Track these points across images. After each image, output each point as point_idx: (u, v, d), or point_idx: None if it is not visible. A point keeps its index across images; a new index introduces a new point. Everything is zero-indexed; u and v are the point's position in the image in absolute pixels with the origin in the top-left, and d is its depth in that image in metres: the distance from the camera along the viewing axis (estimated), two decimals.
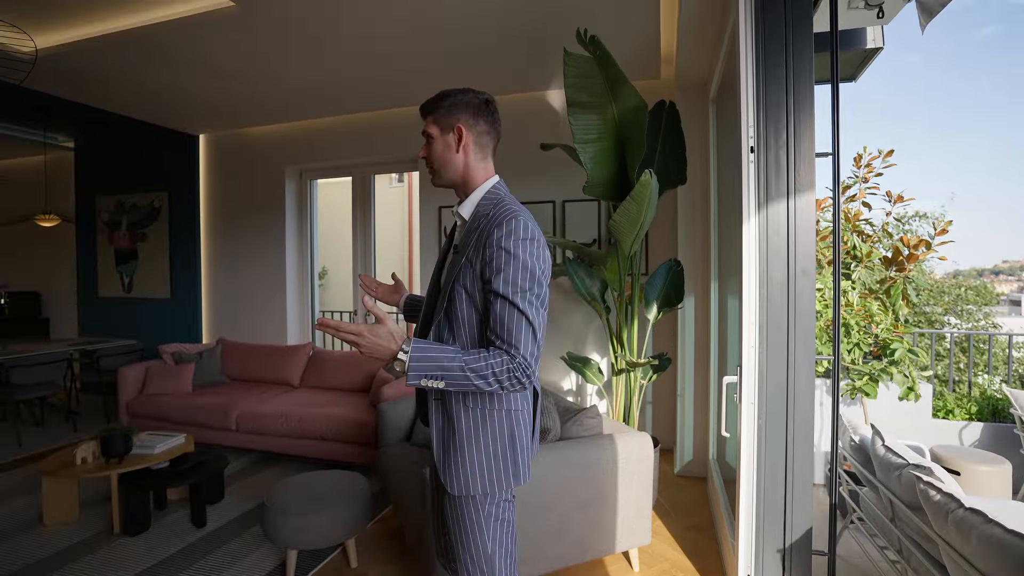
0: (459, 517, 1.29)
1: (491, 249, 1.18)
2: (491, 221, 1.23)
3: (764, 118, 1.84)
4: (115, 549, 2.58)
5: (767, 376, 1.85)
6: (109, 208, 5.77)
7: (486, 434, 1.26)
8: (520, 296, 1.16)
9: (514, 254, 1.17)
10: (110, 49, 3.36)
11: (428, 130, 1.36)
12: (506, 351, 1.15)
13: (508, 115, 4.19)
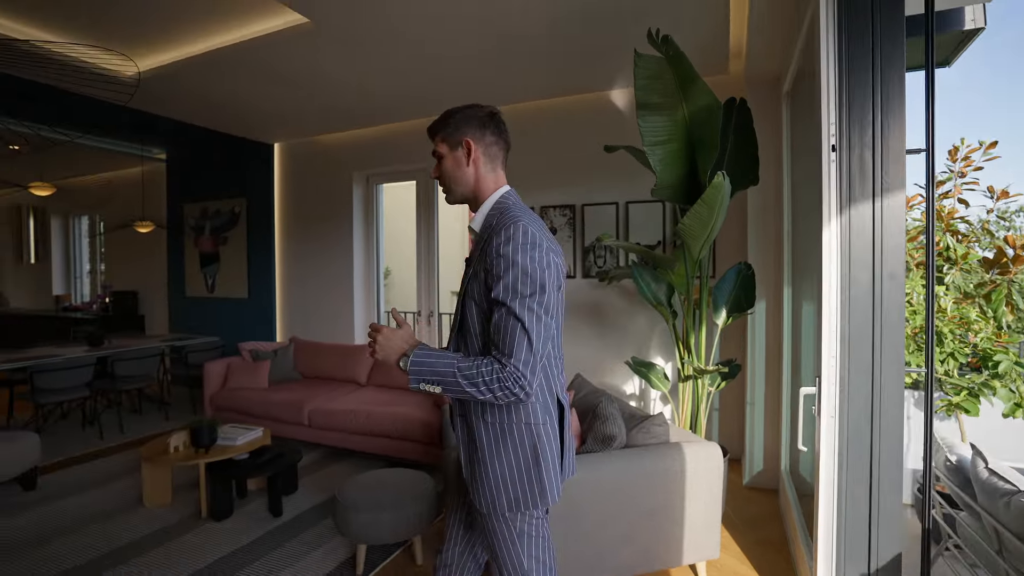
0: (493, 533, 1.28)
1: (492, 256, 1.18)
2: (493, 230, 1.23)
3: (847, 113, 1.73)
4: (203, 532, 2.78)
5: (849, 388, 1.74)
6: (195, 214, 6.22)
7: (507, 449, 1.23)
8: (519, 303, 1.14)
9: (513, 260, 1.16)
10: (199, 69, 3.62)
11: (438, 149, 1.38)
12: (498, 359, 1.14)
13: (569, 117, 4.20)
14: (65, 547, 2.63)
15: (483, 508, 1.25)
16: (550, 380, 1.31)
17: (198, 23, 3.20)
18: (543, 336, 1.17)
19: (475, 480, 1.26)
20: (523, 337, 1.13)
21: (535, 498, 1.24)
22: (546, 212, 4.29)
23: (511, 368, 1.12)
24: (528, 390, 1.14)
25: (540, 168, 4.33)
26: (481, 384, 1.13)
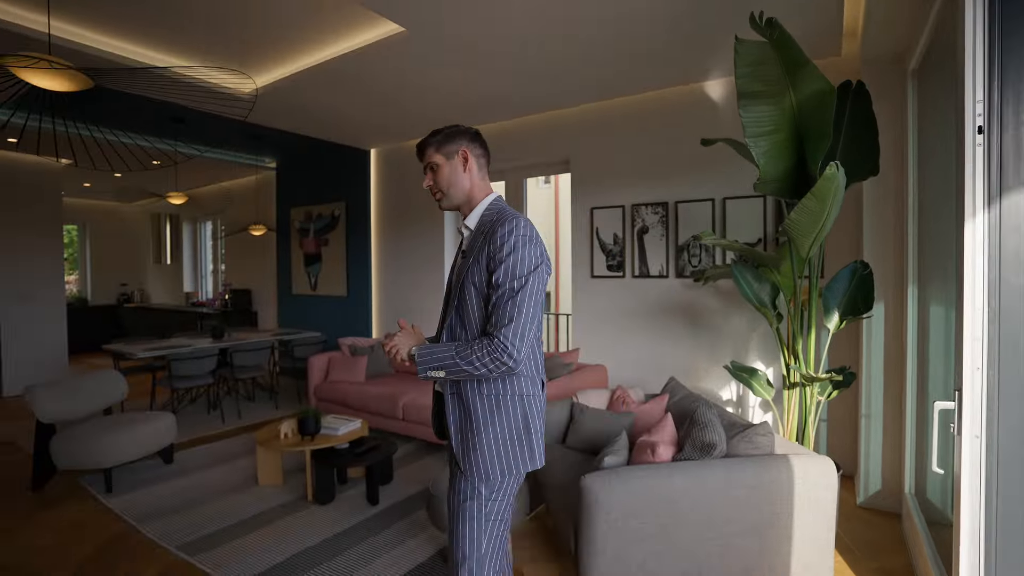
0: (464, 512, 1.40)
1: (495, 244, 1.35)
2: (495, 223, 1.40)
3: (998, 87, 1.51)
4: (309, 514, 2.98)
5: (999, 404, 1.52)
6: (300, 217, 6.71)
7: (502, 419, 1.38)
8: (514, 283, 1.31)
9: (513, 247, 1.34)
10: (304, 83, 3.88)
11: (433, 160, 1.52)
12: (489, 334, 1.31)
13: (661, 112, 4.05)
14: (196, 516, 2.93)
15: (474, 475, 1.38)
16: (537, 360, 1.46)
17: (302, 41, 3.44)
18: (531, 313, 1.32)
19: (469, 450, 1.39)
20: (512, 310, 1.30)
21: (526, 463, 1.41)
22: (637, 210, 4.17)
23: (499, 340, 1.28)
24: (516, 357, 1.29)
25: (630, 165, 4.21)
26: (475, 360, 1.30)
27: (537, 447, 1.43)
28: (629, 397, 2.91)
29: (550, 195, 13.14)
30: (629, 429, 2.69)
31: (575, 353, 4.08)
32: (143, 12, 3.04)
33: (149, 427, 3.53)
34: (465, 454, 1.39)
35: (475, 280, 1.40)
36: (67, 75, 2.41)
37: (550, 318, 9.20)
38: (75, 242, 9.93)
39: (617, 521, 1.93)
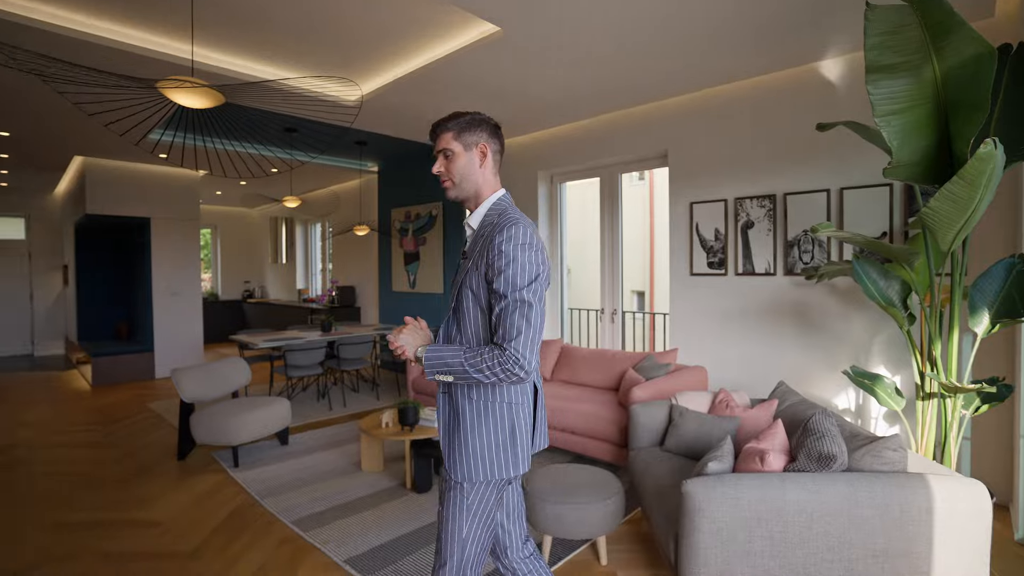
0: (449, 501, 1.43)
1: (494, 252, 1.33)
2: (494, 228, 1.37)
3: None
4: (407, 501, 3.10)
5: None
6: (400, 218, 7.03)
7: (488, 425, 1.39)
8: (517, 293, 1.30)
9: (513, 256, 1.31)
10: (404, 88, 4.04)
11: (450, 146, 1.45)
12: (499, 345, 1.31)
13: (767, 98, 3.77)
14: (307, 495, 3.16)
15: (458, 477, 1.40)
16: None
17: (401, 49, 3.57)
18: (538, 323, 1.32)
19: (454, 451, 1.41)
20: (521, 322, 1.29)
21: (509, 469, 1.40)
22: (741, 204, 3.91)
23: (511, 351, 1.29)
24: (528, 368, 1.30)
25: (733, 157, 3.96)
26: (486, 370, 1.30)
27: (522, 453, 1.43)
28: (733, 401, 2.74)
29: (644, 192, 12.75)
30: (733, 435, 2.52)
31: (673, 353, 3.92)
32: (263, 34, 3.31)
33: (269, 411, 3.86)
34: (449, 453, 1.42)
35: (472, 285, 1.39)
36: (204, 93, 2.69)
37: (645, 317, 8.93)
38: (209, 244, 11.16)
39: (722, 532, 1.81)
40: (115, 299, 8.30)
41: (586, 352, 4.40)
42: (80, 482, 3.45)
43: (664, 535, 2.06)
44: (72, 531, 2.80)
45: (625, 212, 4.96)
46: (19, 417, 5.06)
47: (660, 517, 2.15)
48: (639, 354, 4.09)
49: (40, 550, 2.59)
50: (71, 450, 4.09)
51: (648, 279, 12.26)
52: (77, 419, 4.97)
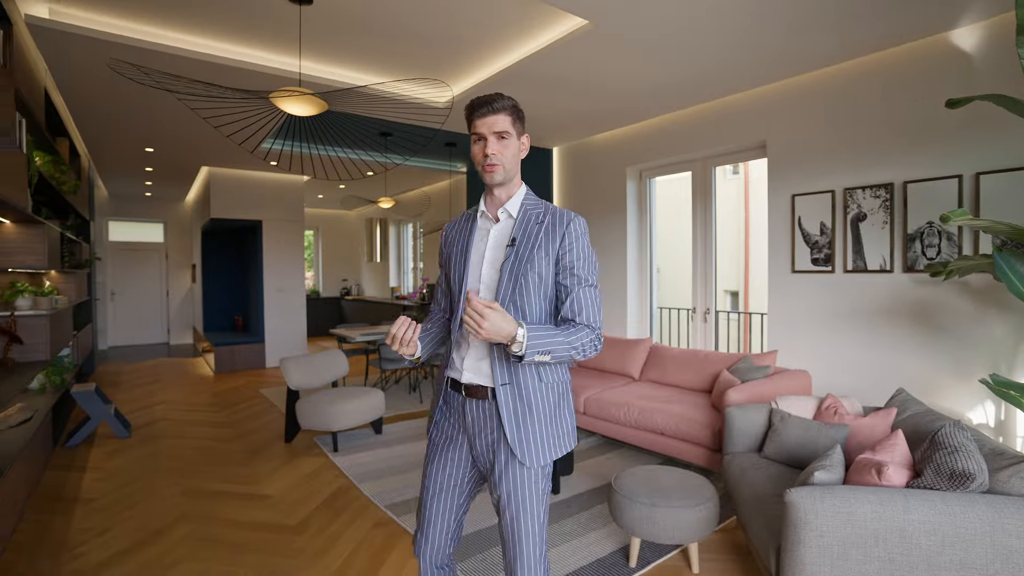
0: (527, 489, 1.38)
1: (570, 240, 1.40)
2: (558, 217, 1.42)
3: None
4: (484, 497, 3.14)
5: None
6: None
7: (566, 405, 1.47)
8: (594, 278, 1.42)
9: (589, 249, 1.43)
10: (492, 88, 4.10)
11: (507, 129, 1.40)
12: (587, 325, 1.37)
13: (880, 77, 3.49)
14: (400, 482, 3.31)
15: (539, 462, 1.38)
16: None
17: (490, 48, 3.63)
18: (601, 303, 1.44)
19: (531, 438, 1.38)
20: (599, 307, 1.42)
21: (572, 441, 1.48)
22: (851, 195, 3.58)
23: (598, 331, 1.39)
24: (601, 346, 1.42)
25: (841, 144, 3.64)
26: (581, 348, 1.34)
27: (574, 424, 1.52)
28: (842, 407, 2.51)
29: (739, 186, 12.07)
30: (842, 445, 2.31)
31: (771, 356, 3.67)
32: (360, 43, 3.50)
33: (365, 401, 4.09)
34: (525, 442, 1.37)
35: (539, 270, 1.39)
36: (310, 101, 2.89)
37: (740, 317, 8.45)
38: (311, 245, 12.02)
39: (831, 548, 1.66)
40: (233, 295, 9.18)
41: (677, 352, 4.24)
42: (206, 456, 3.84)
43: (764, 546, 1.93)
44: (200, 498, 3.12)
45: (720, 207, 4.72)
46: (159, 396, 5.74)
47: (759, 527, 2.02)
48: (734, 355, 3.87)
49: (176, 512, 2.92)
50: (198, 427, 4.57)
51: (743, 278, 11.60)
52: (203, 401, 5.54)
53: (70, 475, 3.54)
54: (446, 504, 1.49)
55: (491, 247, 1.45)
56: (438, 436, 1.53)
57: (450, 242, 1.56)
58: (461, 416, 1.46)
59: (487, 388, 1.40)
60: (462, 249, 1.49)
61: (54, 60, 3.63)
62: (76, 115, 4.89)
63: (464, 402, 1.44)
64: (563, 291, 1.40)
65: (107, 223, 9.47)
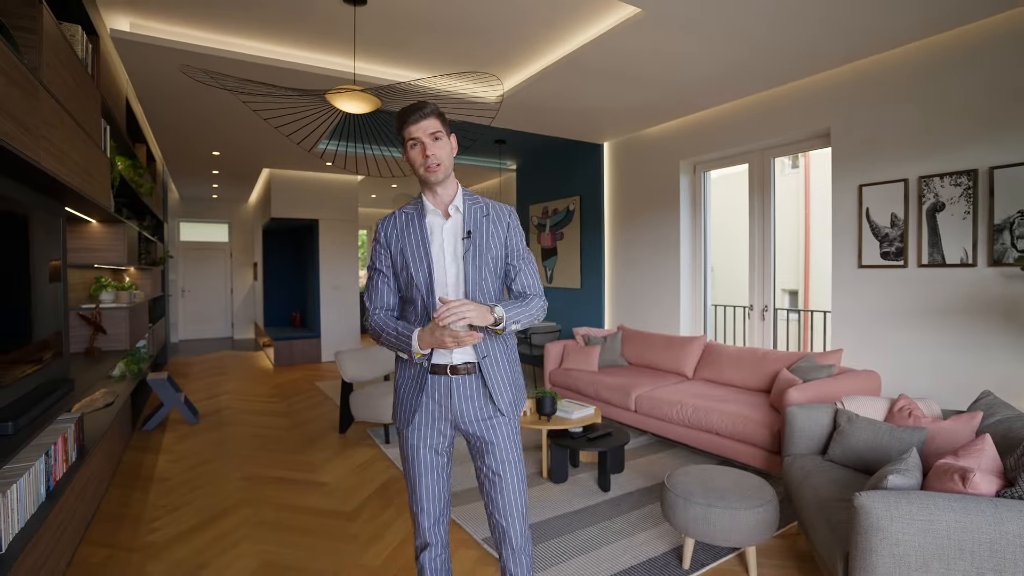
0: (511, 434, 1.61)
1: (513, 227, 1.66)
2: (499, 209, 1.66)
3: None
4: (543, 490, 3.13)
5: None
6: (538, 214, 7.15)
7: (516, 364, 1.68)
8: (529, 255, 1.68)
9: (520, 229, 1.69)
10: (541, 83, 4.08)
11: (440, 130, 1.54)
12: (537, 295, 1.64)
13: (963, 52, 3.21)
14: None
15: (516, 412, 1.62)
16: None
17: (540, 41, 3.60)
18: None
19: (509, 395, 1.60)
20: (538, 276, 1.69)
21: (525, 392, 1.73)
22: (927, 183, 3.34)
23: (544, 297, 1.65)
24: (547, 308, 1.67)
25: (915, 129, 3.40)
26: (538, 313, 1.60)
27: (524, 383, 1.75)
28: (918, 409, 2.34)
29: (799, 181, 11.52)
30: (919, 447, 2.15)
31: (836, 355, 3.47)
32: (412, 41, 3.55)
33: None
34: (506, 398, 1.59)
35: (495, 255, 1.61)
36: (363, 98, 2.96)
37: (800, 315, 8.07)
38: (365, 244, 12.35)
39: (908, 558, 1.54)
40: (291, 292, 9.57)
41: (733, 350, 4.09)
42: (265, 443, 4.01)
43: (829, 553, 1.82)
44: (260, 483, 3.26)
45: (777, 203, 4.51)
46: (224, 387, 6.06)
47: (824, 532, 1.91)
48: (795, 354, 3.69)
49: (238, 496, 3.07)
50: (259, 416, 4.79)
51: (802, 277, 11.07)
52: (263, 392, 5.80)
53: (146, 456, 3.77)
54: (442, 483, 1.65)
55: (448, 241, 1.59)
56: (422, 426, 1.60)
57: (396, 241, 1.61)
58: (447, 395, 1.57)
59: (473, 363, 1.57)
60: (419, 246, 1.58)
61: (134, 70, 3.89)
62: (153, 122, 5.22)
63: (451, 381, 1.56)
64: (512, 270, 1.65)
65: (179, 224, 10.08)
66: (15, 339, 2.17)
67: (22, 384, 2.22)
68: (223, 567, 2.34)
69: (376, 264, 1.65)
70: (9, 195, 2.15)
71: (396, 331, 1.54)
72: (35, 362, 2.36)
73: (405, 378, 1.61)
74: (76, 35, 2.84)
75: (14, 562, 1.75)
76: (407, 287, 1.60)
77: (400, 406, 1.62)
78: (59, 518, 2.20)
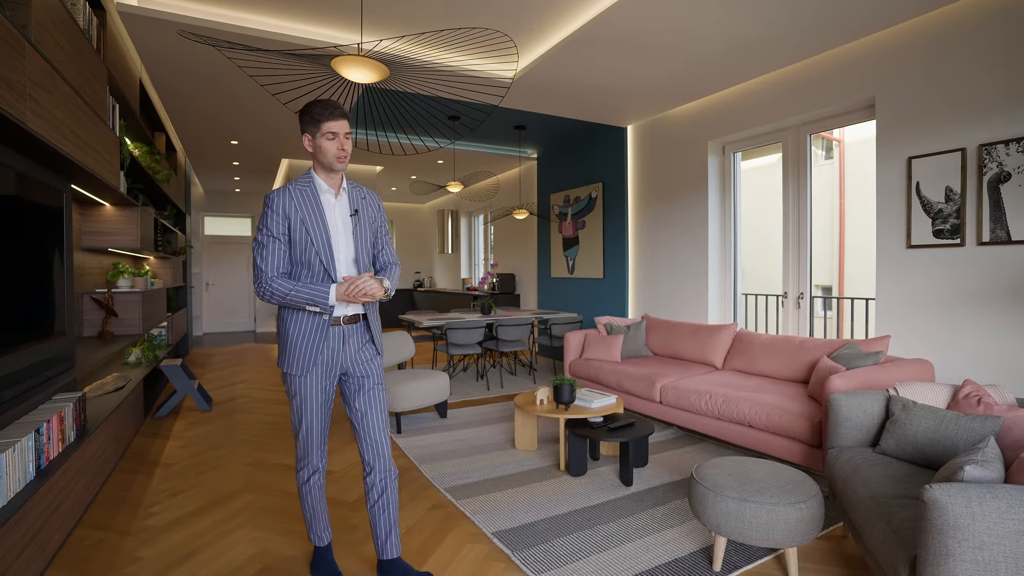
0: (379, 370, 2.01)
1: (381, 209, 2.07)
2: (371, 193, 2.03)
3: None
4: (560, 483, 2.92)
5: None
6: (559, 202, 6.92)
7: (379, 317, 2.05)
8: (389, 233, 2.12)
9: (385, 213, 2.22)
10: (558, 58, 3.85)
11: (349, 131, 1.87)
12: (397, 264, 2.06)
13: (1016, 9, 2.84)
14: (461, 466, 3.16)
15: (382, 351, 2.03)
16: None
17: (552, 15, 3.39)
18: None
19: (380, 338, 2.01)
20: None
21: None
22: (989, 152, 3.02)
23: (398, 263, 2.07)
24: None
25: (973, 92, 3.08)
26: (398, 278, 2.02)
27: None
28: (988, 396, 2.06)
29: (833, 171, 11.02)
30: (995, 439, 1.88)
31: (882, 341, 3.18)
32: (423, 16, 3.38)
33: (429, 383, 3.99)
34: (379, 341, 2.00)
35: (373, 231, 1.99)
36: (370, 65, 2.80)
37: (836, 309, 7.65)
38: None
39: (996, 565, 1.29)
40: None
41: (767, 338, 3.81)
42: (275, 431, 3.90)
43: (888, 557, 1.57)
44: (266, 469, 3.13)
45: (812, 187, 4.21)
46: (241, 376, 6.00)
47: (881, 533, 1.65)
48: (836, 341, 3.40)
49: (242, 481, 2.94)
50: (272, 405, 4.69)
51: (837, 271, 10.57)
52: (278, 382, 5.72)
53: (155, 441, 3.69)
54: (328, 418, 1.98)
55: (341, 217, 1.91)
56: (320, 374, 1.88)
57: (295, 212, 1.81)
58: (342, 340, 1.90)
59: (360, 314, 1.94)
60: (318, 218, 1.84)
61: (144, 47, 3.81)
62: (169, 108, 5.18)
63: (343, 330, 1.90)
64: (380, 242, 2.03)
65: (203, 218, 10.16)
66: (7, 315, 2.07)
67: (14, 359, 2.12)
68: (217, 554, 2.20)
69: (273, 231, 1.80)
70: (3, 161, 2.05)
71: (310, 289, 1.78)
72: (31, 339, 2.26)
73: (304, 330, 1.84)
74: (77, 4, 2.75)
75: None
76: (304, 251, 1.82)
77: (299, 354, 1.85)
78: (48, 498, 2.09)
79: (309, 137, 1.83)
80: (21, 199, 2.20)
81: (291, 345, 1.85)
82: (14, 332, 2.13)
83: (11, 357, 2.10)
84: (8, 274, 2.09)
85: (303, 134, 1.85)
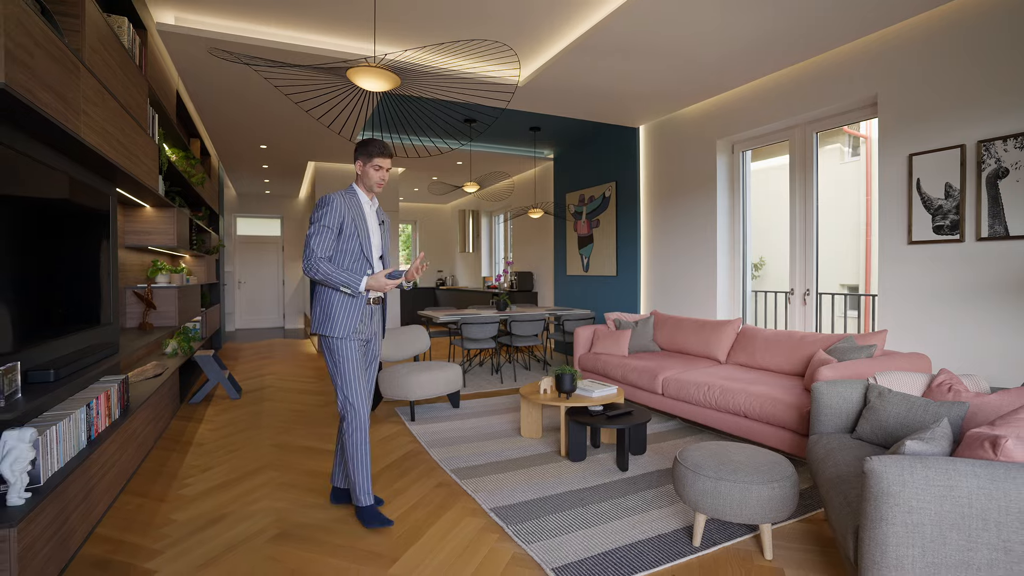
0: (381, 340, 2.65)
1: (387, 223, 2.63)
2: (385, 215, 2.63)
3: None
4: (560, 467, 3.08)
5: None
6: (574, 202, 7.06)
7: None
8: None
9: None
10: (567, 61, 4.00)
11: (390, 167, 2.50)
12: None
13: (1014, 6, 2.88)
14: (468, 451, 3.35)
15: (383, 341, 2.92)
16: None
17: (560, 20, 3.55)
18: None
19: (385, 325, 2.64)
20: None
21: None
22: (987, 148, 3.06)
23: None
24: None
25: (973, 89, 3.12)
26: None
27: None
28: (960, 384, 2.14)
29: (859, 168, 10.84)
30: (956, 421, 1.97)
31: (879, 335, 3.24)
32: (434, 26, 3.59)
33: (442, 373, 4.20)
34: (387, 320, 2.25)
35: (388, 234, 2.62)
36: (381, 74, 3.02)
37: (859, 300, 7.58)
38: (409, 237, 12.61)
39: (923, 528, 1.41)
40: None
41: (769, 333, 3.89)
42: (299, 417, 4.16)
43: (842, 528, 1.70)
44: (288, 451, 3.39)
45: (833, 194, 4.27)
46: (269, 368, 6.34)
47: (838, 507, 1.78)
48: (834, 336, 3.47)
49: (265, 460, 3.20)
50: (296, 394, 4.97)
51: (863, 270, 10.41)
52: (304, 374, 6.03)
53: (189, 424, 4.00)
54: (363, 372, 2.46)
55: (372, 220, 2.51)
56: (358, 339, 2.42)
57: (348, 212, 2.39)
58: (370, 316, 2.49)
59: (382, 297, 2.57)
60: (362, 220, 2.44)
61: (180, 63, 4.12)
62: (204, 117, 5.53)
63: (372, 308, 2.50)
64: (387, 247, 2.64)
65: (235, 219, 10.64)
66: (62, 305, 2.36)
67: (67, 342, 2.40)
68: (241, 519, 2.44)
69: (327, 223, 2.34)
70: (60, 168, 2.33)
71: (347, 275, 2.31)
72: (81, 327, 2.55)
73: (347, 307, 2.38)
74: (123, 26, 3.04)
75: (50, 493, 1.89)
76: (351, 240, 2.39)
77: (343, 321, 2.37)
78: (97, 464, 2.36)
79: (361, 163, 2.42)
80: (73, 202, 2.48)
81: (334, 315, 2.37)
82: (67, 320, 2.41)
83: (64, 340, 2.38)
84: (62, 268, 2.37)
85: (357, 159, 2.44)
